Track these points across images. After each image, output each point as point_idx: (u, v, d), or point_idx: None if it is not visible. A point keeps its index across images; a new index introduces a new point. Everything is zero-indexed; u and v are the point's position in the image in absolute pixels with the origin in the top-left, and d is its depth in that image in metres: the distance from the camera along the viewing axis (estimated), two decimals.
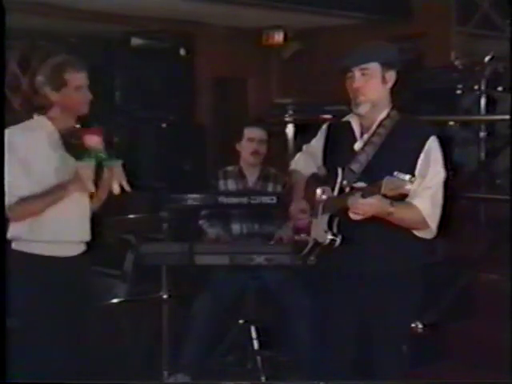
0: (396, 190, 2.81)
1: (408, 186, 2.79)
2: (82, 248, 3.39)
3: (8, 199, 3.17)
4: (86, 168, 3.19)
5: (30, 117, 3.37)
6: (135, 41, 6.74)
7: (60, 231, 3.28)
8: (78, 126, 3.31)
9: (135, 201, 5.30)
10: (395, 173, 2.80)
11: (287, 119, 6.85)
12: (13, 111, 3.38)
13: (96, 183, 3.27)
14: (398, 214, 3.01)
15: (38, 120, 3.33)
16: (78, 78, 3.29)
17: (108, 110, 6.71)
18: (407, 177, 2.78)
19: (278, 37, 7.37)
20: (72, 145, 3.24)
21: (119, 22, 6.60)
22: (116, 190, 3.26)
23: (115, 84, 6.78)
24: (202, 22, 6.98)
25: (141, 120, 6.64)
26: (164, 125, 6.77)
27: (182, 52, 6.81)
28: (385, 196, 2.87)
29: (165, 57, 6.80)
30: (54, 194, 3.23)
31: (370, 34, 6.69)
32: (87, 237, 3.41)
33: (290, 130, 6.84)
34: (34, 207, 3.22)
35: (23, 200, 3.19)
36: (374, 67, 3.14)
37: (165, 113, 6.79)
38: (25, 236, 3.26)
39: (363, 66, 3.14)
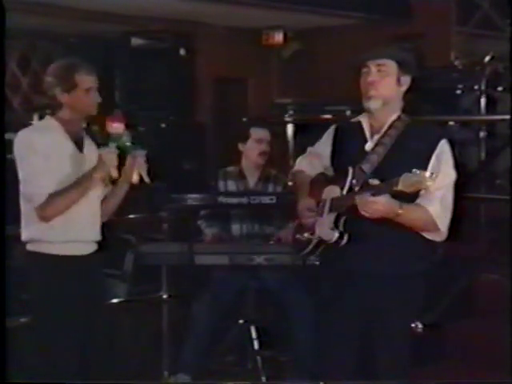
0: (415, 185, 2.79)
1: (428, 183, 2.78)
2: (93, 247, 3.41)
3: (38, 199, 3.20)
4: (109, 154, 3.23)
5: (30, 116, 3.39)
6: (135, 41, 6.74)
7: (72, 231, 3.30)
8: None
9: (135, 201, 5.31)
10: (414, 170, 2.79)
11: (287, 119, 6.84)
12: (12, 111, 3.40)
13: (119, 171, 3.29)
14: (407, 215, 3.00)
15: (47, 121, 3.34)
16: (88, 80, 3.33)
17: (108, 110, 6.70)
18: (427, 173, 2.77)
19: (278, 37, 7.38)
20: (95, 132, 3.26)
21: (119, 21, 6.61)
22: (135, 179, 3.28)
23: (115, 84, 6.78)
24: (202, 21, 6.98)
25: (141, 120, 6.64)
26: (164, 125, 6.77)
27: (182, 52, 6.81)
28: (400, 195, 2.86)
29: (165, 57, 6.80)
30: (80, 185, 3.25)
31: (370, 34, 6.70)
32: (98, 236, 3.42)
33: (290, 130, 6.84)
34: (64, 202, 3.23)
35: (51, 197, 3.20)
36: (391, 66, 3.15)
37: (165, 113, 6.79)
38: (38, 237, 3.27)
39: (381, 61, 3.14)
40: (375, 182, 2.97)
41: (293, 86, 7.55)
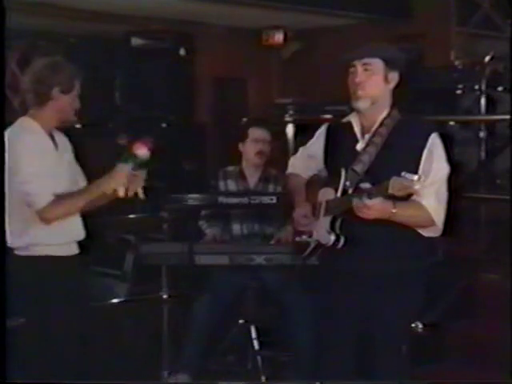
0: (404, 190, 2.80)
1: (417, 186, 2.78)
2: (77, 247, 3.41)
3: (41, 201, 3.18)
4: (123, 172, 3.21)
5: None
6: (135, 41, 6.74)
7: (66, 232, 3.31)
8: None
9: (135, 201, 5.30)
10: (403, 173, 2.79)
11: (287, 119, 6.84)
12: (12, 111, 3.38)
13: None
14: (401, 214, 3.00)
15: (29, 122, 3.31)
16: (77, 85, 3.34)
17: (108, 110, 6.71)
18: (415, 177, 2.77)
19: (278, 37, 7.38)
20: (121, 148, 3.26)
21: (119, 21, 6.61)
22: (130, 193, 3.26)
23: (115, 84, 6.79)
24: (202, 21, 6.98)
25: (141, 120, 6.64)
26: (164, 125, 6.77)
27: (182, 52, 6.81)
28: (392, 196, 2.86)
29: (165, 57, 6.80)
30: (89, 194, 3.25)
31: (370, 34, 6.70)
32: (81, 236, 3.41)
33: (290, 130, 6.84)
34: (70, 208, 3.24)
35: (57, 200, 3.19)
36: (378, 64, 3.14)
37: (165, 113, 6.79)
38: (39, 241, 3.26)
39: (366, 60, 3.13)
40: (366, 185, 2.97)
41: (293, 86, 7.55)
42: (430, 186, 3.02)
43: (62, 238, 3.29)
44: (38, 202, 3.19)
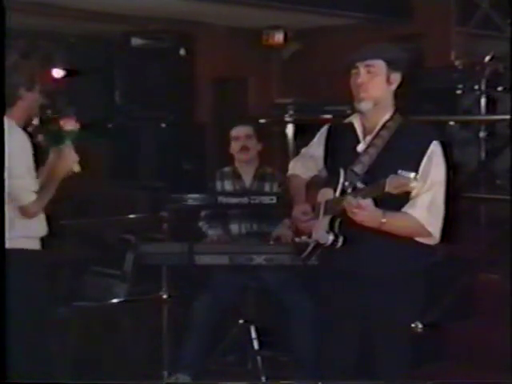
0: (401, 187, 2.80)
1: (413, 184, 2.78)
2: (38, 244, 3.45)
3: (29, 196, 3.27)
4: (71, 149, 3.37)
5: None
6: (135, 41, 6.74)
7: (43, 225, 3.36)
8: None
9: (135, 201, 5.31)
10: (399, 171, 2.80)
11: (287, 119, 6.84)
12: None
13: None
14: (392, 223, 3.01)
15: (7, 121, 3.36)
16: None
17: (108, 110, 6.71)
18: (412, 174, 2.78)
19: (278, 37, 7.36)
20: (51, 131, 3.36)
21: (119, 22, 6.60)
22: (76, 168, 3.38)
23: (115, 84, 6.78)
24: (202, 21, 6.97)
25: (141, 120, 6.64)
26: (164, 125, 6.77)
27: (182, 52, 6.80)
28: (390, 195, 2.86)
29: (165, 57, 6.80)
30: (57, 180, 3.35)
31: (370, 34, 6.69)
32: (43, 232, 3.45)
33: (289, 130, 6.83)
34: (48, 198, 3.32)
35: (40, 194, 3.29)
36: (380, 65, 3.14)
37: (165, 113, 6.79)
38: (24, 233, 3.32)
39: (369, 62, 3.13)
40: (362, 185, 2.98)
41: (293, 86, 7.54)
42: (424, 194, 3.02)
43: (42, 230, 3.37)
44: (27, 197, 3.27)
